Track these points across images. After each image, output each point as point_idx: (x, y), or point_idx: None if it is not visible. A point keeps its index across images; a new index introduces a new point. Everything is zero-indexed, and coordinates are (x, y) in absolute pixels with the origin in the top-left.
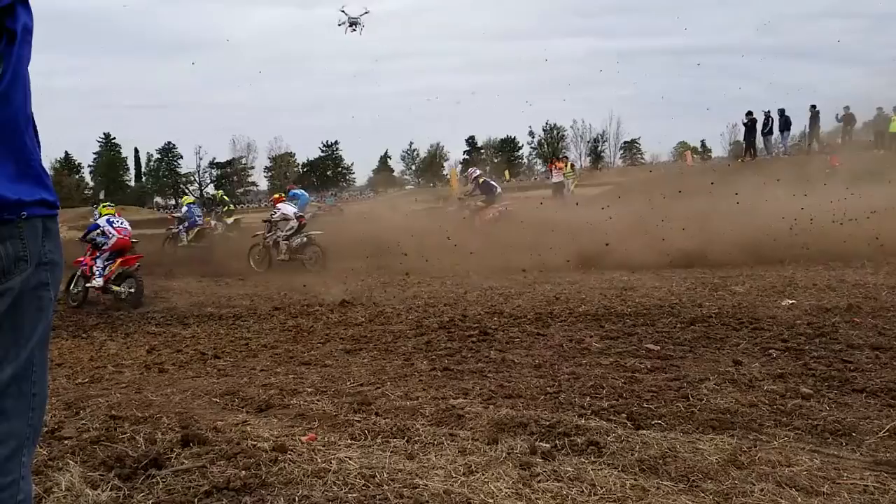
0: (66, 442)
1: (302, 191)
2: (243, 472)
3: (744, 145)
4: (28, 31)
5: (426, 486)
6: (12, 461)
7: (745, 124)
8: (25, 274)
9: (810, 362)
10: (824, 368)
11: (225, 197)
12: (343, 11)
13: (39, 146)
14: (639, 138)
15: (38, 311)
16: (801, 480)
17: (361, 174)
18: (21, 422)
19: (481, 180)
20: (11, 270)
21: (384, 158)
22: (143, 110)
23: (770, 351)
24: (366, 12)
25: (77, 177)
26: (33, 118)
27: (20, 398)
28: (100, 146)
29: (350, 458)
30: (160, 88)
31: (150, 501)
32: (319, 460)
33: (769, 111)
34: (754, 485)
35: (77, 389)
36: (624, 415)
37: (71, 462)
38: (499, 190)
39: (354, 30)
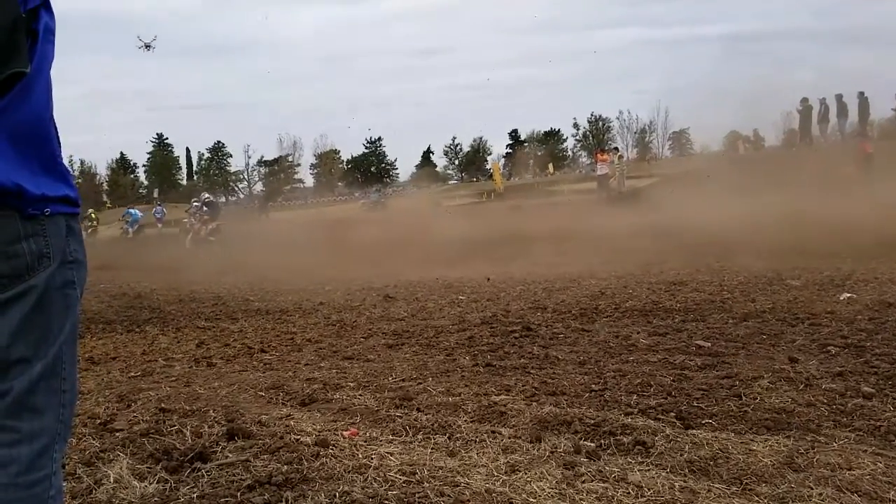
0: (117, 434)
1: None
2: (285, 466)
3: (798, 133)
4: (49, 31)
5: (467, 484)
6: (44, 457)
7: (799, 111)
8: (49, 271)
9: (872, 359)
10: (887, 366)
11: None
12: (139, 38)
13: (60, 145)
14: (687, 128)
15: (66, 309)
16: (863, 485)
17: (405, 170)
18: (52, 418)
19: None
20: (35, 267)
21: (427, 154)
22: (193, 111)
23: (828, 348)
24: (155, 38)
25: (132, 176)
26: (54, 119)
27: (50, 395)
28: (153, 146)
29: (391, 455)
30: (209, 89)
31: (195, 494)
32: (361, 456)
33: (824, 98)
34: (812, 489)
35: (129, 382)
36: (673, 414)
37: (121, 454)
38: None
39: (149, 49)
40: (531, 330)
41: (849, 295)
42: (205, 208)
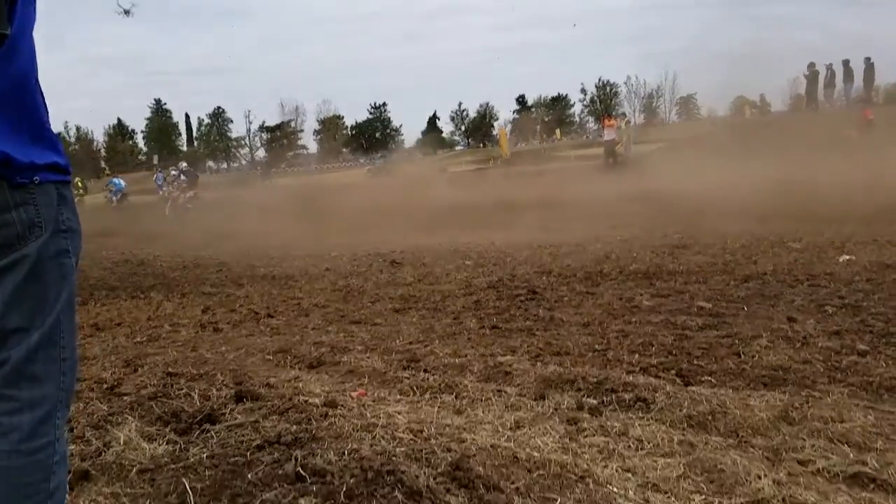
0: (124, 398)
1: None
2: (294, 426)
3: (805, 98)
4: None
5: (473, 440)
6: (46, 424)
7: (806, 76)
8: (42, 241)
9: (868, 319)
10: (882, 325)
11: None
12: (118, 3)
13: (48, 111)
14: (695, 93)
15: (61, 278)
16: (853, 437)
17: (410, 136)
18: (53, 386)
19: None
20: (26, 236)
21: (433, 119)
22: (191, 76)
23: (826, 307)
24: (133, 5)
25: (131, 142)
26: (40, 84)
27: (50, 363)
28: (151, 112)
29: (399, 414)
30: (208, 54)
31: (205, 454)
32: (369, 415)
33: (831, 63)
34: (805, 441)
35: (135, 348)
36: (673, 372)
37: (129, 417)
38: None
39: (128, 14)
40: (537, 293)
41: (848, 257)
42: (182, 177)
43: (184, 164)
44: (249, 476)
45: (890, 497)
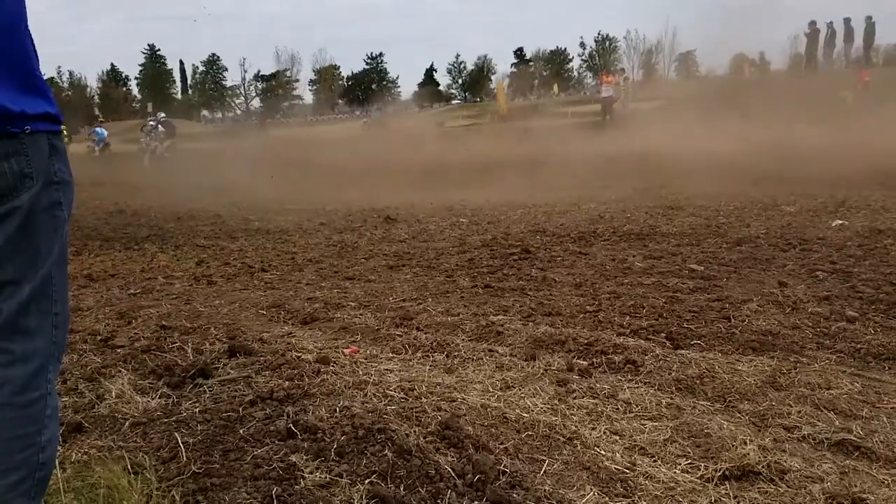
0: (118, 350)
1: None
2: (287, 382)
3: (805, 58)
4: None
5: (464, 399)
6: (39, 377)
7: (806, 35)
8: (33, 192)
9: (858, 285)
10: (872, 291)
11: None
12: None
13: (38, 59)
14: (695, 50)
15: (53, 230)
16: (839, 403)
17: (407, 88)
18: (45, 340)
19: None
20: (18, 188)
21: (430, 72)
22: (185, 21)
23: (817, 273)
24: None
25: (125, 89)
26: (29, 30)
27: (42, 317)
28: (145, 58)
29: (390, 371)
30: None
31: (197, 409)
32: (361, 373)
33: (831, 22)
34: (791, 406)
35: (129, 300)
36: (663, 334)
37: (122, 370)
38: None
39: None
40: (530, 253)
41: (840, 221)
42: (160, 128)
43: (161, 115)
44: (241, 431)
45: (873, 464)
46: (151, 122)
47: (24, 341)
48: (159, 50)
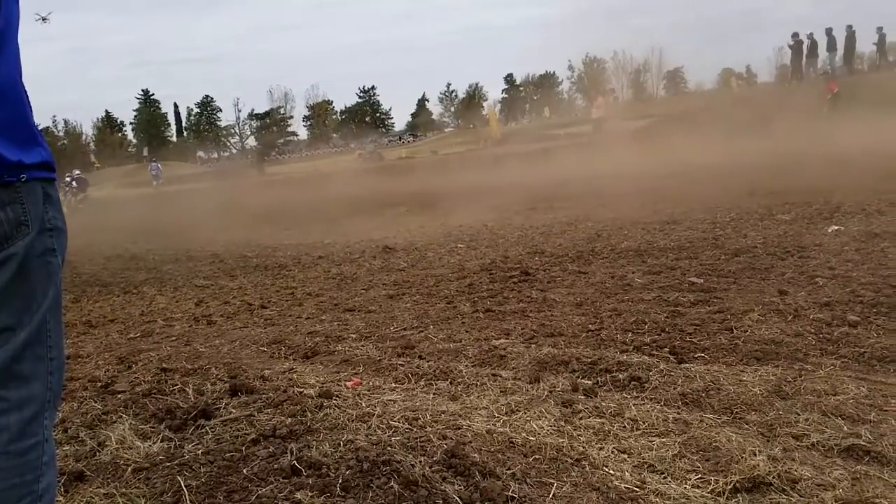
0: (118, 396)
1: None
2: (289, 419)
3: (790, 69)
4: None
5: (469, 426)
6: (34, 424)
7: (790, 47)
8: (28, 239)
9: (857, 289)
10: (872, 294)
11: None
12: (37, 14)
13: (31, 109)
14: (682, 67)
15: (48, 276)
16: (847, 409)
17: (400, 119)
18: (40, 386)
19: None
20: (13, 235)
21: (422, 101)
22: (179, 65)
23: (816, 279)
24: (50, 13)
25: (120, 135)
26: (23, 81)
27: (37, 363)
28: (139, 103)
29: (394, 402)
30: (195, 43)
31: (200, 451)
32: (364, 405)
33: (811, 33)
34: (799, 415)
35: (129, 344)
36: (666, 349)
37: (124, 415)
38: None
39: (45, 21)
40: (529, 274)
41: (836, 227)
42: (74, 183)
43: (76, 172)
44: (245, 471)
45: (885, 469)
46: (67, 178)
47: (19, 388)
48: (153, 94)
